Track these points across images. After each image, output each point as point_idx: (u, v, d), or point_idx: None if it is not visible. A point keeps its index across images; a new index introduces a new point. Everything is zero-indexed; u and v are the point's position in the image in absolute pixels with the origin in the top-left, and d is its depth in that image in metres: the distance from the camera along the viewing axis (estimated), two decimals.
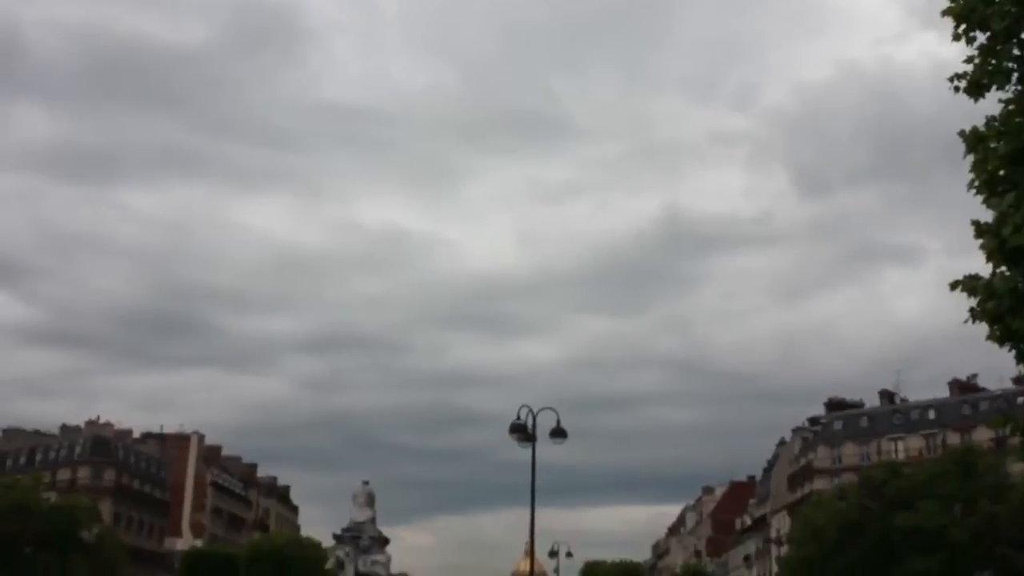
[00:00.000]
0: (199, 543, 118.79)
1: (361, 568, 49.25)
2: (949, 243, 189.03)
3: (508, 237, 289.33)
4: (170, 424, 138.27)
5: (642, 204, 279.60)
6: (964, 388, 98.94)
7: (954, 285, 16.43)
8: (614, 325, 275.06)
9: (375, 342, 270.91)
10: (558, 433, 36.79)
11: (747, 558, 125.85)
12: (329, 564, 52.73)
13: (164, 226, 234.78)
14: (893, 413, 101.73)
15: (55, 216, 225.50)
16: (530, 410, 37.35)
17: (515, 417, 36.47)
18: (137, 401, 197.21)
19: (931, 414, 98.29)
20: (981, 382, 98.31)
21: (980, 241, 16.12)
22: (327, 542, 67.86)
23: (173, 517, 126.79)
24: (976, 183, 16.40)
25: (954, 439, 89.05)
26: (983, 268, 16.21)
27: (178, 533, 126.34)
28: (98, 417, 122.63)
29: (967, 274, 16.43)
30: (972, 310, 16.14)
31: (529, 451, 37.77)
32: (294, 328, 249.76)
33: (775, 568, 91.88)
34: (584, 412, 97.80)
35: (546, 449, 37.10)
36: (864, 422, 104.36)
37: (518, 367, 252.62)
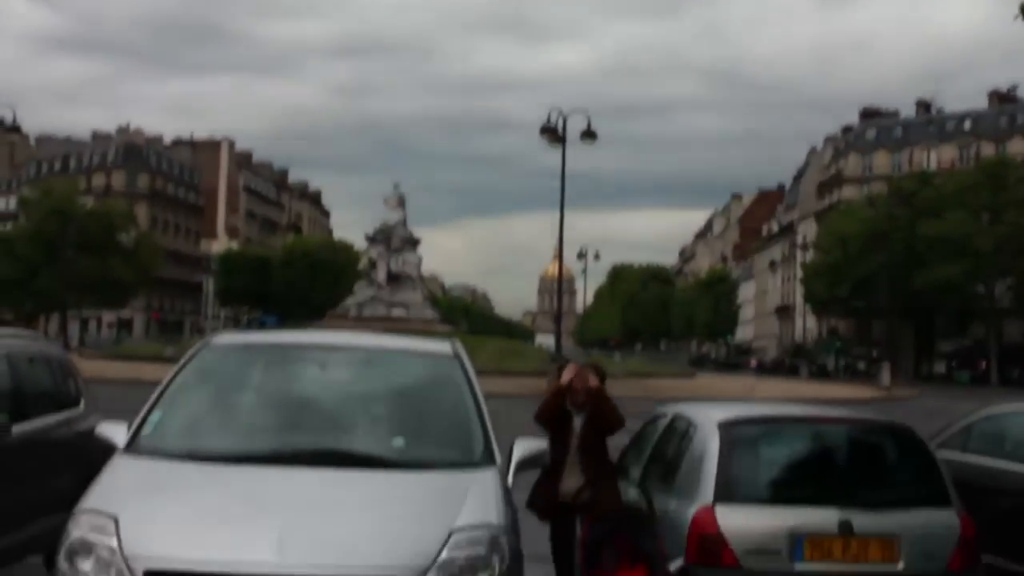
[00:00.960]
0: (234, 245, 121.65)
1: (393, 268, 50.06)
2: None
3: None
4: (200, 131, 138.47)
5: None
6: (1003, 99, 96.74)
7: None
8: (647, 30, 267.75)
9: (403, 47, 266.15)
10: (588, 135, 36.53)
11: (772, 263, 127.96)
12: (361, 264, 53.67)
13: None
14: (928, 123, 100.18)
15: None
16: (560, 112, 36.86)
17: (546, 122, 36.16)
18: (166, 108, 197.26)
19: (967, 125, 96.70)
20: (1021, 94, 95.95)
21: None
22: (359, 245, 69.17)
23: (208, 221, 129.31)
24: None
25: (988, 150, 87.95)
26: None
27: (213, 236, 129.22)
28: (128, 124, 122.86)
29: None
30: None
31: (559, 156, 37.64)
32: (321, 32, 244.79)
33: (799, 273, 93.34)
34: (615, 119, 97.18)
35: (576, 156, 37.18)
36: (898, 131, 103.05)
37: (549, 73, 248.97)
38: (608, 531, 6.12)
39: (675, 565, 6.00)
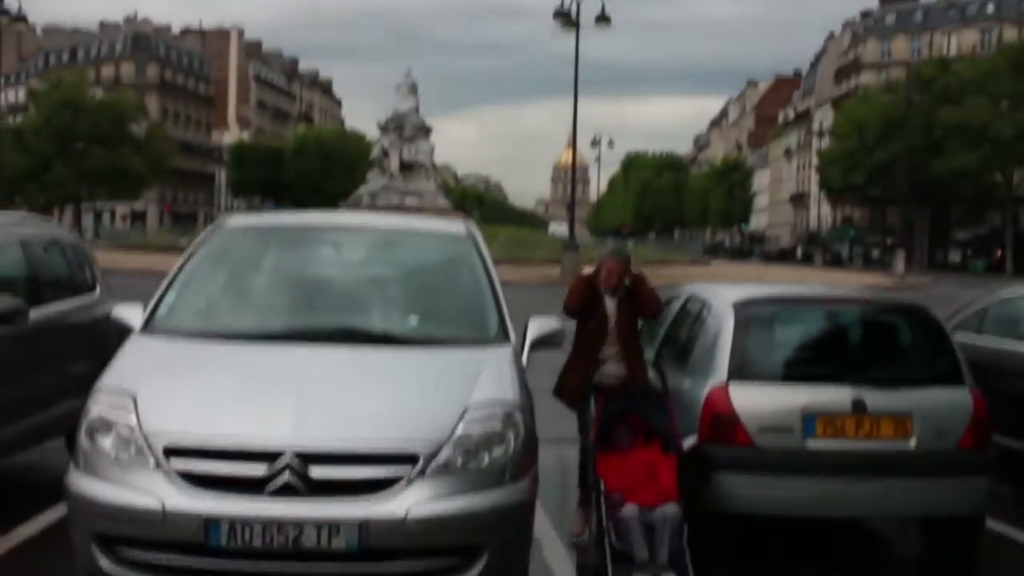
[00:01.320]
0: (246, 136, 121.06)
1: (405, 157, 49.61)
2: None
3: None
4: (208, 20, 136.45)
5: None
6: None
7: None
8: None
9: None
10: (602, 19, 36.01)
11: (787, 151, 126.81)
12: (374, 154, 53.27)
13: None
14: (949, 6, 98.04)
15: None
16: None
17: (559, 6, 35.67)
18: None
19: (989, 8, 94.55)
20: None
21: None
22: (371, 135, 68.69)
23: (218, 111, 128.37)
24: None
25: (1011, 34, 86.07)
26: None
27: (224, 127, 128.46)
28: (136, 13, 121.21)
29: None
30: None
31: (573, 43, 37.13)
32: None
33: (815, 161, 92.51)
34: (630, 3, 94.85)
35: (590, 42, 36.80)
36: (918, 16, 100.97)
37: None
38: (621, 409, 6.16)
39: (688, 443, 6.05)
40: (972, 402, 6.32)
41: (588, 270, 6.93)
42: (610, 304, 6.79)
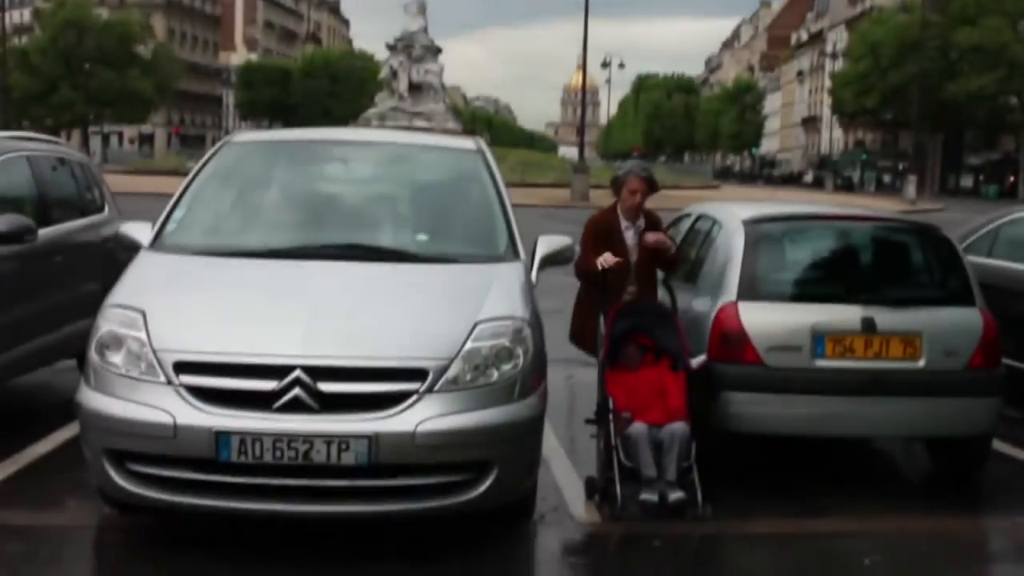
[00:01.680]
0: (253, 57, 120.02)
1: (414, 78, 49.13)
2: None
3: None
4: None
5: None
6: None
7: None
8: None
9: None
10: None
11: (800, 73, 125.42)
12: (382, 74, 52.78)
13: None
14: None
15: None
16: None
17: None
18: None
19: None
20: None
21: None
22: (380, 55, 68.20)
23: (225, 32, 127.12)
24: None
25: None
26: None
27: (232, 48, 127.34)
28: None
29: None
30: None
31: None
32: None
33: (827, 83, 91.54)
34: None
35: None
36: None
37: None
38: (631, 327, 6.15)
39: (697, 361, 6.06)
40: (982, 322, 6.30)
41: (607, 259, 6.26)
42: (629, 237, 6.55)
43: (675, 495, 5.30)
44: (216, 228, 5.97)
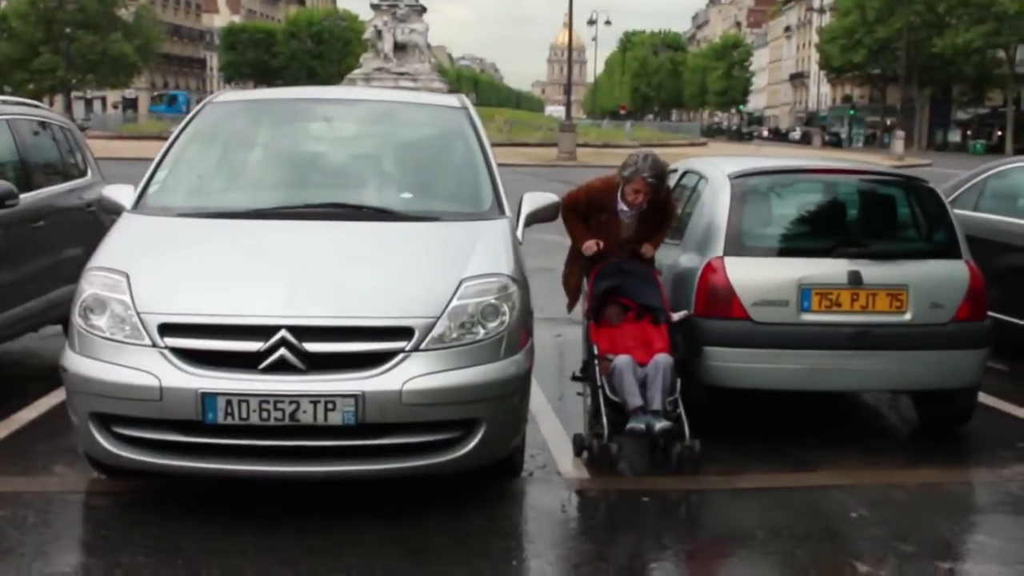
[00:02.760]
0: (236, 19, 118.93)
1: (399, 37, 48.75)
2: None
3: None
4: None
5: None
6: None
7: None
8: None
9: None
10: None
11: (787, 29, 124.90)
12: (367, 34, 52.40)
13: None
14: None
15: None
16: None
17: None
18: None
19: None
20: None
21: None
22: (364, 15, 67.69)
23: None
24: None
25: None
26: None
27: (215, 10, 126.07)
28: None
29: None
30: None
31: None
32: None
33: (815, 39, 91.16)
34: None
35: None
36: None
37: None
38: (613, 287, 6.14)
39: (679, 315, 6.06)
40: (968, 275, 6.30)
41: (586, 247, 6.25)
42: (625, 215, 6.30)
43: (661, 424, 5.43)
44: (200, 189, 5.93)
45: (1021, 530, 5.09)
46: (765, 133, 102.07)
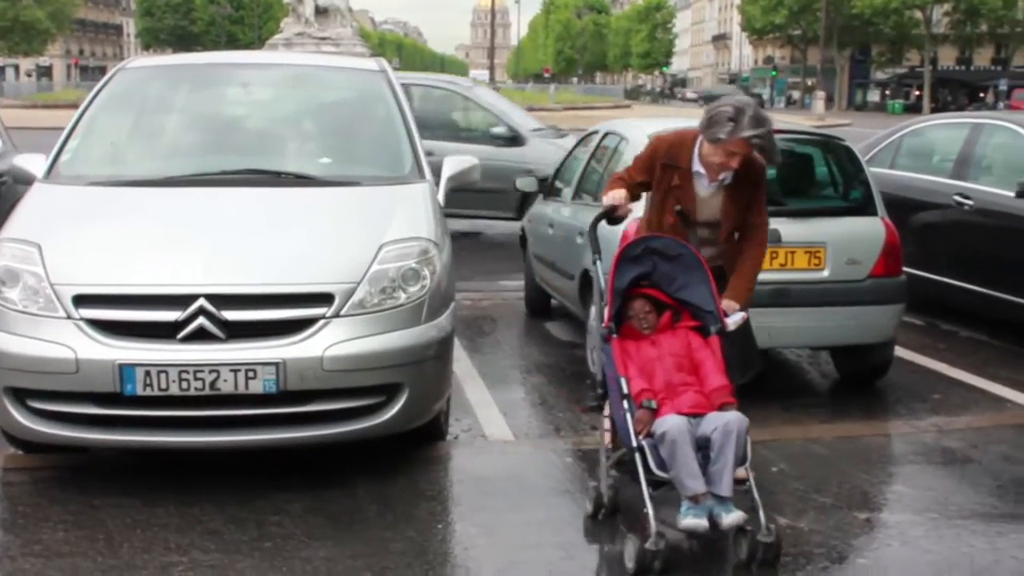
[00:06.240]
0: None
1: (320, 1, 47.92)
2: None
3: None
4: None
5: None
6: None
7: None
8: None
9: None
10: None
11: None
12: None
13: None
14: None
15: None
16: None
17: None
18: None
19: None
20: None
21: None
22: None
23: None
24: None
25: None
26: None
27: None
28: None
29: None
30: None
31: None
32: None
33: (737, 0, 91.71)
34: None
35: None
36: None
37: None
38: (641, 274, 4.52)
39: (735, 320, 4.54)
40: (884, 231, 6.42)
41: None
42: (703, 187, 4.63)
43: (731, 516, 3.94)
44: (113, 157, 5.81)
45: (934, 479, 5.21)
46: (690, 95, 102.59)
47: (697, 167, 4.55)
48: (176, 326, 4.39)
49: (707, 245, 4.68)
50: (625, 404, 4.10)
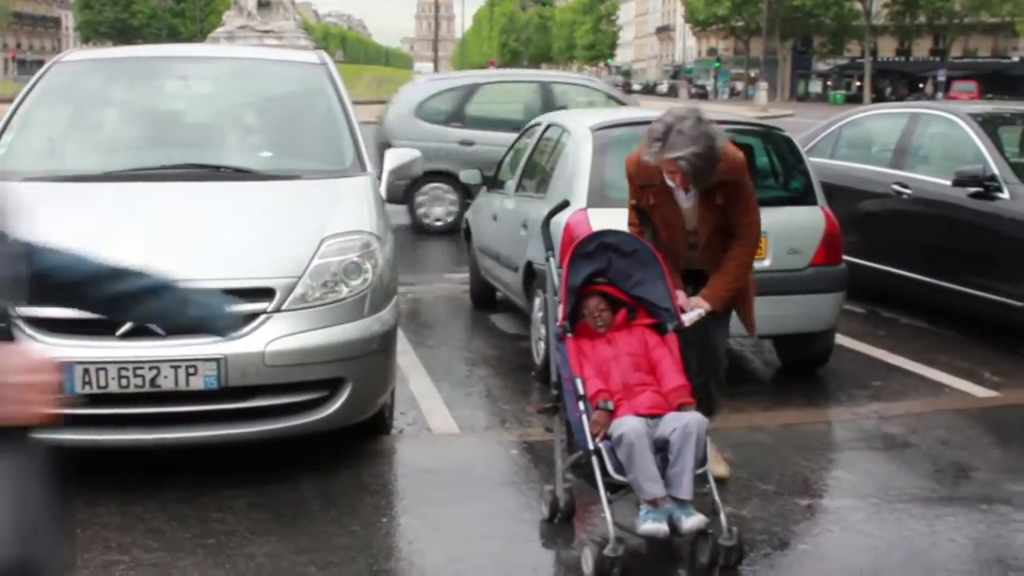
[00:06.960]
0: None
1: None
2: None
3: None
4: None
5: None
6: None
7: None
8: None
9: None
10: None
11: None
12: None
13: None
14: None
15: None
16: None
17: None
18: None
19: None
20: None
21: None
22: None
23: None
24: None
25: None
26: None
27: None
28: None
29: None
30: None
31: None
32: None
33: None
34: None
35: None
36: None
37: None
38: (595, 271, 4.45)
39: (691, 317, 4.46)
40: (824, 220, 6.49)
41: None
42: (682, 198, 4.58)
43: (692, 520, 3.82)
44: (49, 152, 5.72)
45: (875, 464, 5.29)
46: (636, 87, 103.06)
47: (668, 180, 4.45)
48: (115, 323, 4.33)
49: (692, 250, 4.67)
50: (581, 406, 4.00)
